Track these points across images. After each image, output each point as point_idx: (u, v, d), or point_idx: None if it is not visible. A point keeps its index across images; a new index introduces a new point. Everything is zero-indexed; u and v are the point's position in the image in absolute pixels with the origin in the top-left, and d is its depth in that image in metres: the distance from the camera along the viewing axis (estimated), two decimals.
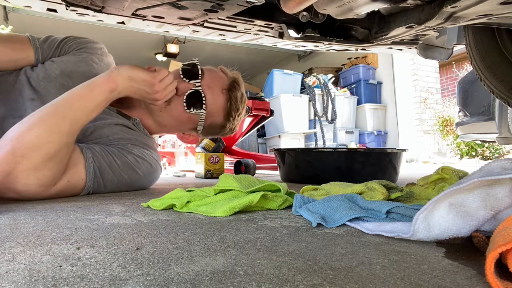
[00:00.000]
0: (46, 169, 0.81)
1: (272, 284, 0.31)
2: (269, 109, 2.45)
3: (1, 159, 0.77)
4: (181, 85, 1.06)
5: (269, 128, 4.82)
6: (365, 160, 1.39)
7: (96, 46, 1.17)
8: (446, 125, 4.88)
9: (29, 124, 0.81)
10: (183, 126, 1.15)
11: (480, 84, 1.35)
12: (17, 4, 1.00)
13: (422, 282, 0.31)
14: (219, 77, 1.13)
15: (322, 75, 5.05)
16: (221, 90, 1.12)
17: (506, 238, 0.31)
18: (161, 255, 0.39)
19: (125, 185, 1.01)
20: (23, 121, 0.82)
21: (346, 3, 0.79)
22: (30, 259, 0.38)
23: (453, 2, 0.73)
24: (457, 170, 0.82)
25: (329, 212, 0.59)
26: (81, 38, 1.15)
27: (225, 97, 1.12)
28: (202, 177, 1.79)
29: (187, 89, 1.07)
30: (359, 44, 1.15)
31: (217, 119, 1.15)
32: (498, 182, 0.41)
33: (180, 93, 1.06)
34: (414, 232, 0.44)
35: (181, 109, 1.08)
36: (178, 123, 1.13)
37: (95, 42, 1.17)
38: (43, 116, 0.82)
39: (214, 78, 1.11)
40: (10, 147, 0.78)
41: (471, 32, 1.26)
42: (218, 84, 1.11)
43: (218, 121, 1.15)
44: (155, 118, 1.11)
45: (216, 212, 0.64)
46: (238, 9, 0.90)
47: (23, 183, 0.79)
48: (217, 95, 1.11)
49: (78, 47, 1.12)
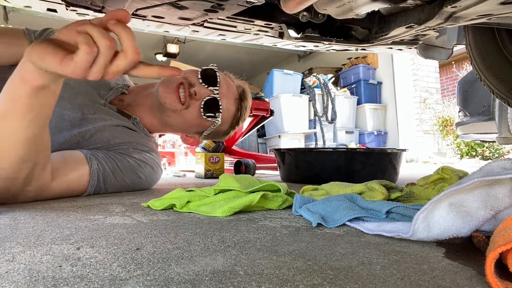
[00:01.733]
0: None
1: (272, 284, 0.31)
2: (269, 109, 2.44)
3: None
4: (201, 90, 1.05)
5: (269, 128, 4.82)
6: (365, 160, 1.39)
7: None
8: (446, 125, 4.88)
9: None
10: (190, 129, 1.15)
11: (480, 84, 1.35)
12: (17, 4, 1.00)
13: (422, 282, 0.31)
14: (231, 86, 1.15)
15: (322, 75, 5.05)
16: (234, 99, 1.14)
17: (506, 238, 0.31)
18: (161, 255, 0.39)
19: (126, 188, 1.02)
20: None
21: (346, 3, 0.79)
22: (30, 259, 0.38)
23: (453, 2, 0.73)
24: (457, 170, 0.82)
25: (329, 212, 0.59)
26: None
27: (236, 107, 1.15)
28: (202, 177, 1.79)
29: (205, 95, 1.06)
30: (359, 44, 1.15)
31: (224, 127, 1.17)
32: (498, 182, 0.41)
33: (198, 97, 1.05)
34: (414, 232, 0.44)
35: (196, 114, 1.07)
36: (187, 126, 1.12)
37: None
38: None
39: (228, 87, 1.13)
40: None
41: (471, 32, 1.26)
42: (231, 93, 1.13)
43: (224, 128, 1.18)
44: (164, 117, 1.09)
45: (216, 212, 0.64)
46: (238, 9, 0.90)
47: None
48: (230, 104, 1.13)
49: None
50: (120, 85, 1.12)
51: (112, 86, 1.10)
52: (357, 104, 5.14)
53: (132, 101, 1.11)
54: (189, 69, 1.15)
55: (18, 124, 0.65)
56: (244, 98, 1.17)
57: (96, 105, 1.02)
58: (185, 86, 1.05)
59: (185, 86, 1.05)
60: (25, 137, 0.66)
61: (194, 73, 1.08)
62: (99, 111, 1.02)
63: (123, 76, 1.22)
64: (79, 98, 1.00)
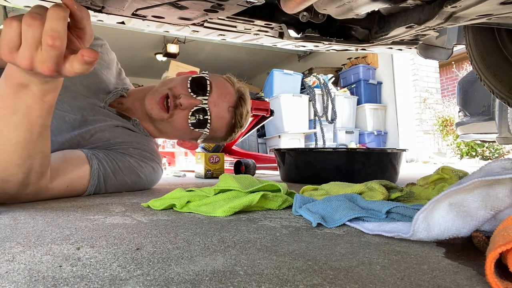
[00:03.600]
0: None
1: (272, 284, 0.31)
2: (269, 109, 2.45)
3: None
4: (187, 101, 1.02)
5: (269, 128, 4.82)
6: (365, 160, 1.39)
7: (96, 43, 1.13)
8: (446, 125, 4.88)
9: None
10: (184, 136, 1.14)
11: (480, 84, 1.35)
12: (17, 4, 1.00)
13: (422, 282, 0.31)
14: (226, 93, 1.09)
15: (322, 75, 5.05)
16: (228, 108, 1.09)
17: (506, 238, 0.31)
18: (161, 255, 0.39)
19: (127, 188, 1.02)
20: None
21: (346, 3, 0.79)
22: (30, 259, 0.38)
23: (453, 2, 0.73)
24: (457, 170, 0.82)
25: (329, 212, 0.59)
26: None
27: (231, 115, 1.10)
28: (202, 177, 1.79)
29: (192, 105, 1.03)
30: (359, 44, 1.15)
31: (219, 134, 1.14)
32: (498, 182, 0.41)
33: (184, 107, 1.02)
34: (414, 232, 0.44)
35: (183, 123, 1.05)
36: (179, 133, 1.12)
37: (96, 38, 1.13)
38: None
39: (221, 94, 1.08)
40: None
41: (471, 32, 1.26)
42: (225, 101, 1.08)
43: (220, 135, 1.15)
44: (156, 125, 1.09)
45: (216, 212, 0.64)
46: (238, 9, 0.90)
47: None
48: (223, 112, 1.08)
49: None
50: (119, 88, 1.11)
51: (111, 89, 1.10)
52: (357, 104, 5.15)
53: (131, 105, 1.11)
54: (183, 75, 1.11)
55: (5, 125, 0.65)
56: (240, 105, 1.11)
57: (96, 108, 1.02)
58: (170, 98, 1.02)
59: (170, 98, 1.02)
60: (15, 140, 0.66)
61: (184, 83, 1.04)
62: (98, 113, 1.01)
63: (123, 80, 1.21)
64: (78, 101, 1.00)
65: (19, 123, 0.65)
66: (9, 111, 0.64)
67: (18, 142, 0.66)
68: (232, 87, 1.12)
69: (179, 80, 1.07)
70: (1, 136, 0.66)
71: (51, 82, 0.63)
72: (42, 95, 0.64)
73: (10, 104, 0.63)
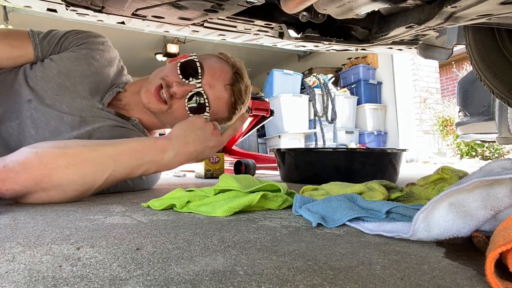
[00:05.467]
0: (56, 199, 0.80)
1: (272, 284, 0.31)
2: (269, 109, 2.45)
3: (22, 181, 0.73)
4: (180, 88, 0.98)
5: (269, 128, 4.83)
6: (365, 160, 1.39)
7: (98, 41, 1.11)
8: (446, 125, 4.88)
9: (68, 160, 0.77)
10: None
11: (480, 84, 1.35)
12: (17, 4, 1.00)
13: (422, 282, 0.31)
14: (220, 71, 1.03)
15: (322, 75, 5.05)
16: (224, 86, 1.03)
17: (506, 238, 0.31)
18: (161, 255, 0.39)
19: (127, 188, 1.02)
20: (62, 148, 0.78)
21: (346, 3, 0.79)
22: (30, 259, 0.38)
23: (453, 2, 0.73)
24: (457, 170, 0.82)
25: (329, 212, 0.59)
26: (83, 32, 1.09)
27: (229, 93, 1.04)
28: (202, 177, 1.79)
29: (187, 91, 0.99)
30: (359, 44, 1.15)
31: (222, 115, 1.09)
32: (498, 182, 0.41)
33: (180, 96, 0.99)
34: (414, 232, 0.44)
35: (184, 111, 1.02)
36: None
37: (97, 36, 1.11)
38: (86, 159, 0.79)
39: (215, 74, 1.02)
40: (38, 176, 0.74)
41: (471, 32, 1.26)
42: (220, 80, 1.02)
43: (223, 115, 1.10)
44: (158, 118, 1.08)
45: (216, 212, 0.64)
46: (238, 9, 0.90)
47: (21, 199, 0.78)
48: (220, 92, 1.03)
49: (78, 43, 1.06)
50: (116, 84, 1.09)
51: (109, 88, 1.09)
52: (357, 104, 5.15)
53: (130, 100, 1.08)
54: (173, 61, 1.07)
55: (124, 167, 0.84)
56: (237, 80, 1.04)
57: (94, 109, 1.01)
58: (164, 88, 0.99)
59: (164, 88, 0.99)
60: (119, 177, 0.84)
61: (174, 70, 1.01)
62: (97, 114, 1.01)
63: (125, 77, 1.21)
64: (77, 102, 0.99)
65: (132, 167, 0.85)
66: (137, 161, 0.85)
67: (122, 177, 0.85)
68: (227, 64, 1.06)
69: (169, 67, 1.03)
70: (115, 169, 0.82)
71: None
72: (160, 167, 0.89)
73: (140, 156, 0.84)
